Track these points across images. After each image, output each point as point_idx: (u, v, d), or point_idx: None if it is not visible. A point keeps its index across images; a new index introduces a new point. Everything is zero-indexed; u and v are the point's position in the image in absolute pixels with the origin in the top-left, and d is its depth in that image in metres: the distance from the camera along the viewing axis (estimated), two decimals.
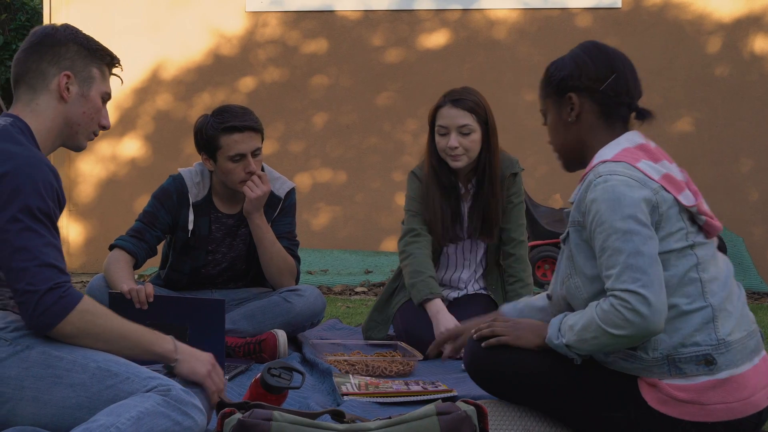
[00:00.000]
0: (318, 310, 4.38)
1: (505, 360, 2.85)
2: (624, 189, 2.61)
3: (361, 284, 7.40)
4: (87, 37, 2.77)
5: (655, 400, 2.66)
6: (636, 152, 2.71)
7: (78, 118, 2.72)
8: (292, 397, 3.16)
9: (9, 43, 11.99)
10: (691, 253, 2.66)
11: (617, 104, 2.80)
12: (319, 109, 8.73)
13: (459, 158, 4.22)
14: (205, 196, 4.32)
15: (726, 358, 2.63)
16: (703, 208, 2.71)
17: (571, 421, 2.86)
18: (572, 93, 2.82)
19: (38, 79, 2.69)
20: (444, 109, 4.25)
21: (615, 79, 2.78)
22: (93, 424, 2.32)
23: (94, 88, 2.74)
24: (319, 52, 8.71)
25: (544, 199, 8.24)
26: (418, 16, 8.64)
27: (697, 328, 2.62)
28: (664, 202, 2.64)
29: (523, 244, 4.40)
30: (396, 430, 2.37)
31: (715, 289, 2.66)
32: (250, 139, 4.17)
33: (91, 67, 2.74)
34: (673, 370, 2.64)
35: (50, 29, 2.74)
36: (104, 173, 8.76)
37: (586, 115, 2.81)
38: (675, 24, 8.40)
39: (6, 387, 2.45)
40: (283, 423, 2.36)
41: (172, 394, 2.44)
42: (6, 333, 2.48)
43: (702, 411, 2.63)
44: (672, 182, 2.68)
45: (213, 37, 8.71)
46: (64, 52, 2.70)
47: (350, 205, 8.72)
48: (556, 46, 8.55)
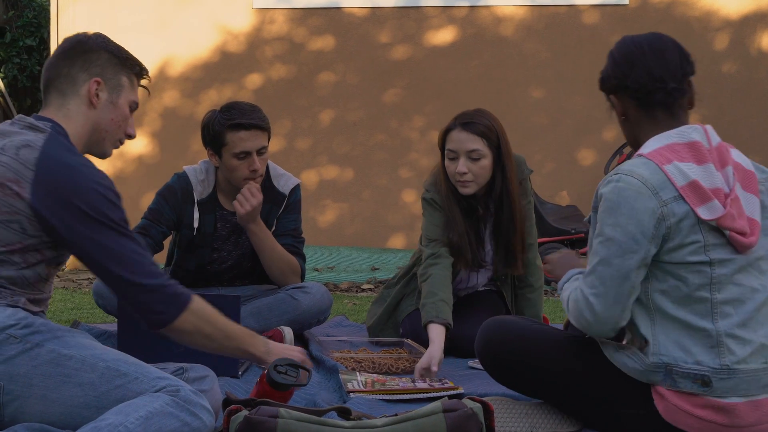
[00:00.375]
0: (324, 307, 4.38)
1: (518, 349, 2.86)
2: (629, 195, 2.59)
3: (368, 281, 7.40)
4: (118, 46, 2.81)
5: (662, 404, 2.65)
6: (679, 150, 2.64)
7: (106, 124, 2.76)
8: (299, 394, 3.16)
9: (16, 40, 12.00)
10: (706, 270, 2.59)
11: (648, 92, 2.74)
12: (326, 106, 8.73)
13: (468, 185, 4.02)
14: (210, 194, 4.32)
15: (726, 385, 2.58)
16: (731, 223, 2.59)
17: (579, 414, 2.86)
18: (611, 95, 2.84)
19: (68, 84, 2.72)
20: (454, 133, 4.01)
21: (637, 72, 2.74)
22: (101, 423, 2.32)
23: (123, 96, 2.78)
24: (325, 48, 8.71)
25: (551, 196, 8.23)
26: (425, 12, 8.63)
27: (702, 349, 2.59)
28: (673, 214, 2.58)
29: (532, 247, 4.27)
30: (402, 428, 2.37)
31: (728, 312, 2.60)
32: (256, 137, 4.17)
33: (121, 76, 2.78)
34: (668, 381, 2.62)
35: (83, 36, 2.78)
36: (111, 170, 8.76)
37: (629, 111, 2.80)
38: (682, 21, 8.38)
39: (15, 384, 2.46)
40: (290, 420, 2.36)
41: (181, 394, 2.45)
42: (16, 330, 2.48)
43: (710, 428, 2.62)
44: (697, 191, 2.59)
45: (220, 34, 8.71)
46: (95, 59, 2.74)
47: (357, 202, 8.72)
48: (564, 42, 8.60)
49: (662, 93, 2.72)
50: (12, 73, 11.91)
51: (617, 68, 2.79)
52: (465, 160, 3.97)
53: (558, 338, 2.85)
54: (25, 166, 2.54)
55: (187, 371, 2.72)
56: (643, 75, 2.73)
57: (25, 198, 2.52)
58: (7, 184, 2.53)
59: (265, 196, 4.33)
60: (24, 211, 2.52)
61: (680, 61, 2.75)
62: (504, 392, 3.09)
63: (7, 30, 12.14)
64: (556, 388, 2.84)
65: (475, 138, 3.97)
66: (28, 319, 2.51)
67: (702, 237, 2.58)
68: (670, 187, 2.59)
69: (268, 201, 4.35)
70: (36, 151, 2.56)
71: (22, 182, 2.52)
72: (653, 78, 2.72)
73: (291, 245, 4.38)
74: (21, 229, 2.54)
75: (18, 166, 2.54)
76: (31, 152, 2.55)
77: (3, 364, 2.45)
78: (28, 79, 12.09)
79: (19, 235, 2.54)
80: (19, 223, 2.53)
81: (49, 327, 2.54)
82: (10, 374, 2.45)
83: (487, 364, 2.98)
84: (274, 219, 4.36)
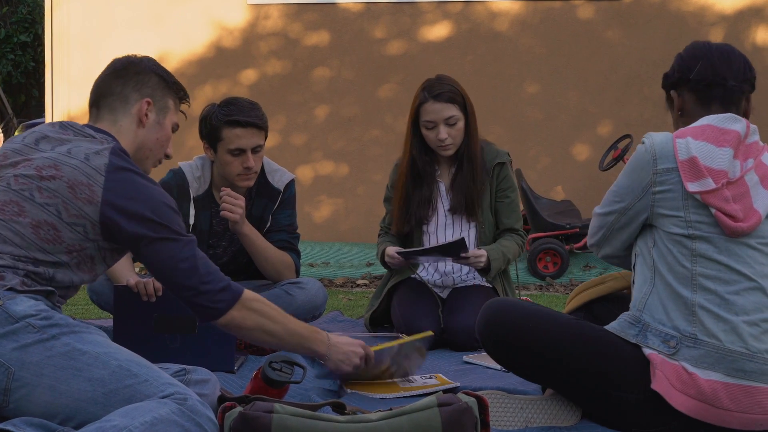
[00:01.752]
0: (319, 302, 4.37)
1: (520, 330, 2.87)
2: (638, 157, 2.83)
3: (363, 277, 7.40)
4: (166, 70, 2.99)
5: (658, 383, 2.67)
6: (706, 129, 2.79)
7: (151, 143, 2.92)
8: (294, 389, 3.16)
9: (10, 36, 11.99)
10: (687, 243, 2.72)
11: (708, 86, 2.89)
12: (321, 102, 8.73)
13: (448, 148, 4.40)
14: (206, 191, 4.31)
15: (691, 353, 2.67)
16: (718, 202, 2.69)
17: (578, 399, 2.88)
18: (672, 91, 2.98)
19: (121, 103, 2.88)
20: (427, 105, 4.36)
21: (701, 65, 2.89)
22: (106, 424, 2.32)
23: (168, 117, 2.96)
24: (320, 44, 8.71)
25: (545, 191, 8.24)
26: (419, 8, 8.63)
27: (680, 315, 2.70)
28: (661, 183, 2.76)
29: (520, 231, 4.55)
30: (397, 422, 2.37)
31: (707, 286, 2.69)
32: (252, 135, 4.16)
33: (168, 98, 2.95)
34: (640, 336, 2.75)
35: (134, 58, 2.97)
36: None
37: (687, 106, 2.94)
38: (677, 16, 8.39)
39: (25, 372, 2.47)
40: (285, 415, 2.36)
41: (188, 404, 2.45)
42: (35, 320, 2.51)
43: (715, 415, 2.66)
44: (693, 167, 2.71)
45: (215, 30, 8.71)
46: (146, 81, 2.91)
47: (352, 197, 8.72)
48: (558, 38, 8.60)
49: (721, 88, 2.88)
50: (6, 69, 11.90)
51: (683, 63, 2.95)
52: (444, 126, 4.35)
53: (560, 320, 2.87)
54: (97, 172, 2.67)
55: (189, 373, 2.73)
56: (707, 68, 2.89)
57: (95, 202, 2.65)
58: (80, 186, 2.65)
59: (260, 192, 4.32)
60: (91, 216, 2.65)
61: (743, 67, 2.93)
62: (499, 386, 3.10)
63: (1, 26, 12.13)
64: (556, 371, 2.86)
65: (448, 105, 4.35)
66: (49, 312, 2.55)
67: (683, 213, 2.73)
68: (671, 158, 2.76)
69: (264, 196, 4.34)
70: (105, 158, 2.69)
71: (94, 186, 2.65)
72: (716, 73, 2.88)
73: (285, 241, 4.37)
74: (84, 232, 2.66)
75: (90, 170, 2.67)
76: (100, 159, 2.69)
77: (17, 351, 2.47)
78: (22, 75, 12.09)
79: (82, 238, 2.67)
80: (84, 227, 2.66)
81: (67, 322, 2.56)
82: (23, 361, 2.47)
83: (487, 346, 2.99)
84: (269, 215, 4.35)
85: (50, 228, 2.63)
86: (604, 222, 2.95)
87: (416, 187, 4.47)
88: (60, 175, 2.66)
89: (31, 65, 12.00)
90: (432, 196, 4.49)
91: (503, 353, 2.95)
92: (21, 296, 2.54)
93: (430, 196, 4.48)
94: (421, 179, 4.47)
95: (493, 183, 4.47)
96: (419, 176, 4.46)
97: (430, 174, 4.48)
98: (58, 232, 2.64)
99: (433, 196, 4.49)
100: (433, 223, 4.49)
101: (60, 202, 2.64)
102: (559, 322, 2.86)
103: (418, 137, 4.45)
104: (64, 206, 2.64)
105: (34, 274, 2.62)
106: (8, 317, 2.49)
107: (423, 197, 4.47)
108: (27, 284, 2.59)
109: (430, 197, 4.48)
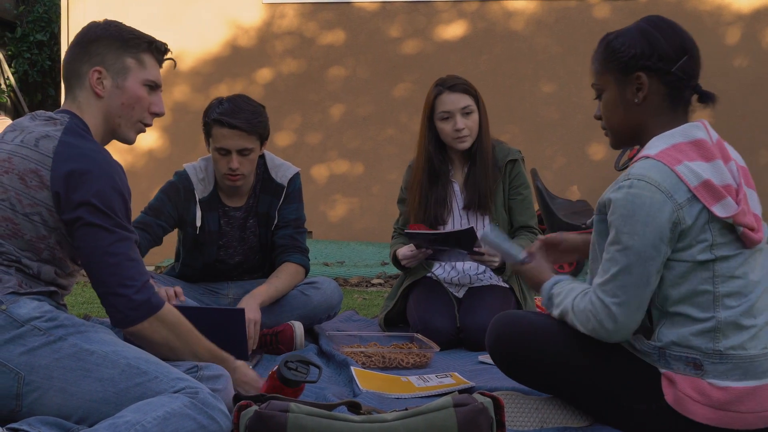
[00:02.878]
0: (335, 302, 4.37)
1: (529, 344, 2.84)
2: (644, 200, 2.54)
3: (378, 276, 7.39)
4: (120, 28, 2.80)
5: (672, 397, 2.64)
6: (685, 149, 2.60)
7: (117, 110, 2.77)
8: (309, 388, 3.16)
9: (27, 34, 12.02)
10: (709, 266, 2.58)
11: (684, 87, 2.67)
12: (336, 101, 8.73)
13: (465, 139, 4.41)
14: (211, 192, 4.29)
15: (719, 368, 2.59)
16: (744, 219, 2.58)
17: (590, 409, 2.85)
18: (641, 72, 2.67)
19: (75, 78, 2.77)
20: (443, 96, 4.41)
21: (687, 60, 2.66)
22: (119, 420, 2.32)
23: (131, 77, 2.77)
24: (336, 43, 8.71)
25: (561, 191, 8.22)
26: (435, 7, 8.62)
27: (696, 334, 2.59)
28: (689, 215, 2.54)
29: (534, 228, 4.53)
30: (413, 422, 2.37)
31: (730, 303, 2.60)
32: (239, 138, 4.11)
33: (125, 58, 2.77)
34: (663, 362, 2.64)
35: (86, 27, 2.81)
36: (122, 164, 8.77)
37: (653, 97, 2.68)
38: (693, 15, 8.36)
39: (36, 375, 2.47)
40: (300, 414, 2.35)
41: (200, 397, 2.45)
42: (41, 323, 2.50)
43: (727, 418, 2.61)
44: (710, 190, 2.55)
45: (230, 29, 8.72)
46: (94, 49, 2.76)
47: (367, 196, 8.72)
48: (574, 37, 8.58)
49: (691, 90, 2.69)
50: (23, 68, 11.93)
51: (669, 50, 2.66)
52: (460, 116, 4.38)
53: (569, 332, 2.83)
54: (45, 155, 2.59)
55: (201, 369, 2.71)
56: (692, 67, 2.67)
57: (46, 186, 2.57)
58: (29, 175, 2.59)
59: (264, 189, 4.31)
60: (45, 202, 2.58)
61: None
62: (514, 387, 3.09)
63: (18, 25, 12.17)
64: (567, 383, 2.83)
65: (464, 96, 4.40)
66: (53, 313, 2.54)
67: (710, 236, 2.57)
68: (684, 188, 2.55)
69: (268, 193, 4.33)
70: (54, 141, 2.61)
71: (42, 171, 2.58)
72: (694, 74, 2.68)
73: (289, 237, 4.34)
74: (42, 221, 2.59)
75: (38, 156, 2.60)
76: (50, 142, 2.61)
77: (25, 355, 2.47)
78: (38, 74, 12.12)
79: (42, 228, 2.59)
80: (40, 215, 2.59)
81: (73, 321, 2.56)
82: (32, 365, 2.47)
83: (497, 360, 2.96)
84: (275, 211, 4.34)
85: (9, 223, 2.59)
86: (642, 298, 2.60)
87: (432, 185, 4.47)
88: (12, 168, 2.61)
89: (47, 64, 12.02)
90: (447, 196, 4.49)
91: (514, 368, 2.93)
92: (24, 298, 2.54)
93: (446, 196, 4.48)
94: (437, 177, 4.47)
95: (505, 180, 4.48)
96: (435, 174, 4.46)
97: (445, 173, 4.49)
98: (17, 226, 2.59)
99: (448, 196, 4.49)
100: (450, 225, 4.48)
101: (13, 195, 2.59)
102: (567, 337, 2.80)
103: (433, 133, 4.45)
104: (17, 198, 2.59)
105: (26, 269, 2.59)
106: (13, 321, 2.49)
107: (439, 196, 4.47)
108: (26, 285, 2.58)
109: (446, 197, 4.48)
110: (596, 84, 2.79)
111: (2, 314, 2.49)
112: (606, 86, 2.75)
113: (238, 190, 4.26)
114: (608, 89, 2.75)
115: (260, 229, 4.33)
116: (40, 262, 2.62)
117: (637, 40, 2.69)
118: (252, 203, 4.32)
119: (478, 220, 4.48)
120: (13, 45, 12.01)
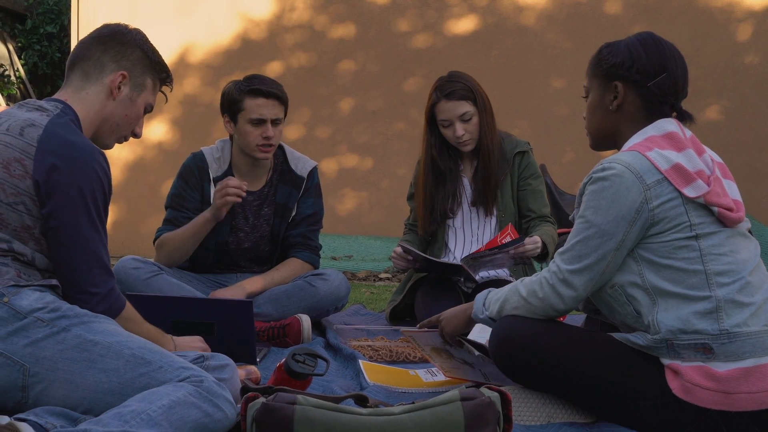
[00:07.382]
0: (342, 294, 4.38)
1: (532, 347, 2.84)
2: (613, 180, 2.66)
3: (386, 270, 7.40)
4: (153, 47, 2.88)
5: (680, 388, 2.65)
6: (657, 140, 2.72)
7: (119, 118, 2.82)
8: (317, 381, 3.16)
9: (37, 26, 12.04)
10: (694, 245, 2.65)
11: (661, 102, 2.80)
12: (346, 95, 8.73)
13: (467, 143, 4.45)
14: (225, 171, 4.37)
15: (728, 349, 2.61)
16: (718, 199, 2.67)
17: (597, 409, 2.85)
18: (619, 82, 2.83)
19: (95, 69, 2.79)
20: (441, 105, 4.45)
21: (664, 78, 2.78)
22: (124, 409, 2.33)
23: (143, 96, 2.85)
24: (346, 37, 8.70)
25: (570, 186, 8.20)
26: (446, 1, 8.61)
27: (699, 318, 2.63)
28: (657, 197, 2.65)
29: (549, 218, 4.56)
30: (420, 415, 2.37)
31: (724, 281, 2.65)
32: (273, 106, 4.27)
33: (147, 76, 2.85)
34: (672, 353, 2.66)
35: (123, 28, 2.85)
36: (131, 156, 8.79)
37: (628, 107, 2.83)
38: (704, 11, 8.33)
39: (40, 367, 2.48)
40: (308, 407, 2.36)
41: (205, 385, 2.45)
42: (43, 314, 2.51)
43: (727, 400, 2.62)
44: (681, 173, 2.65)
45: (241, 21, 8.72)
46: (128, 53, 2.81)
47: (376, 191, 8.72)
48: (585, 32, 8.57)
49: (670, 107, 2.81)
50: (32, 60, 11.95)
51: (643, 64, 2.80)
52: (459, 123, 4.42)
53: (571, 334, 2.84)
54: (29, 144, 2.59)
55: (207, 360, 2.72)
56: (670, 85, 2.79)
57: (29, 175, 2.57)
58: (13, 164, 2.58)
59: (283, 179, 4.37)
60: (28, 191, 2.58)
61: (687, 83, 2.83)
62: None
63: (28, 17, 12.18)
64: (572, 385, 2.83)
65: (461, 102, 4.42)
66: (56, 303, 2.54)
67: (687, 218, 2.66)
68: (654, 170, 2.66)
69: (287, 183, 4.38)
70: (39, 129, 2.61)
71: (25, 159, 2.58)
72: (675, 91, 2.80)
73: (301, 236, 4.38)
74: (26, 210, 2.59)
75: (22, 144, 2.59)
76: (35, 130, 2.61)
77: (29, 347, 2.48)
78: (48, 66, 12.13)
79: (27, 217, 2.59)
80: (24, 204, 2.58)
81: (76, 312, 2.56)
82: (36, 357, 2.48)
83: (501, 364, 2.97)
84: (294, 202, 4.37)
85: None
86: (594, 273, 2.71)
87: (438, 183, 4.51)
88: None
89: (57, 56, 12.03)
90: (456, 191, 4.53)
91: (517, 372, 2.93)
92: (25, 290, 2.54)
93: (455, 190, 4.53)
94: (443, 176, 4.51)
95: (514, 172, 4.52)
96: (440, 174, 4.50)
97: (454, 170, 4.53)
98: (1, 216, 2.58)
99: (458, 191, 4.53)
100: (459, 218, 4.50)
101: None
102: (569, 338, 2.81)
103: (437, 135, 4.52)
104: (1, 187, 2.58)
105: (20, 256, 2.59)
106: (15, 313, 2.49)
107: (447, 192, 4.51)
108: (25, 275, 2.58)
109: (455, 192, 4.53)
110: (585, 85, 2.98)
111: (4, 306, 2.49)
112: (591, 89, 2.94)
113: (261, 167, 4.32)
114: (592, 93, 2.94)
115: (275, 219, 4.37)
116: (33, 252, 2.61)
117: (622, 52, 2.84)
118: (268, 191, 4.37)
119: (487, 224, 4.51)
120: (23, 37, 12.03)
